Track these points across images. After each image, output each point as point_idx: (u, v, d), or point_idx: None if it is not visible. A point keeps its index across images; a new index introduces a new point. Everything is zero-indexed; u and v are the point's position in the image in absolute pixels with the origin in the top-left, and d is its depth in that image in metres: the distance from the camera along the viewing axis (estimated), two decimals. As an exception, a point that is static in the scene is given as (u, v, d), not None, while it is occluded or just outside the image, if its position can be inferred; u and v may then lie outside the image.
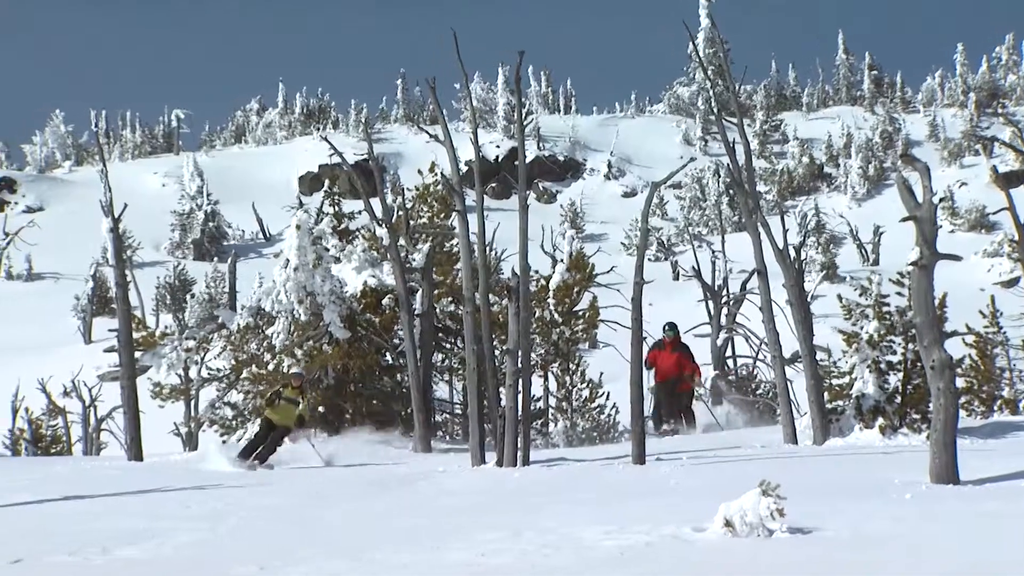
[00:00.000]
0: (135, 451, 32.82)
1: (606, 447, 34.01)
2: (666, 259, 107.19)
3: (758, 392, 49.21)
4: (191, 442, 51.92)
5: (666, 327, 32.27)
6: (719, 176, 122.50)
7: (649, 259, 66.65)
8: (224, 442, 22.98)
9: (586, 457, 27.62)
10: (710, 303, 50.14)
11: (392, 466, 19.41)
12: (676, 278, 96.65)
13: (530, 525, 15.00)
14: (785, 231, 32.12)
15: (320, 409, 37.30)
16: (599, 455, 28.05)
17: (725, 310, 49.71)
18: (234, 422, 40.78)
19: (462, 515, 17.02)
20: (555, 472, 23.87)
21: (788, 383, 31.13)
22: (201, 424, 46.95)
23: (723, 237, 66.54)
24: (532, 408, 31.47)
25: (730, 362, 50.30)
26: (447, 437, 41.46)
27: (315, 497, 19.44)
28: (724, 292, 50.80)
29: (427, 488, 21.49)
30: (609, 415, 42.15)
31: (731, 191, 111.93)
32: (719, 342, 48.24)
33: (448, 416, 44.32)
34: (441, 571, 12.61)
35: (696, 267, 51.05)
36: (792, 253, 30.97)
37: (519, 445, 25.84)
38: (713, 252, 63.03)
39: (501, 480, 22.14)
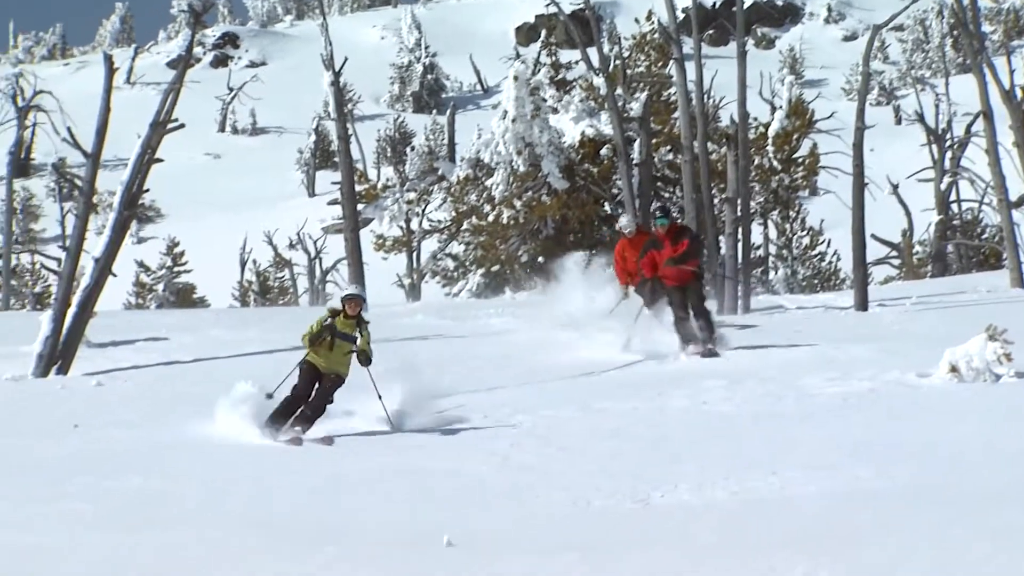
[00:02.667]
0: (360, 302, 33.43)
1: (827, 295, 33.81)
2: (888, 103, 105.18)
3: (983, 236, 48.45)
4: (414, 293, 52.83)
5: (657, 213, 22.86)
6: (943, 17, 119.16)
7: (870, 104, 65.24)
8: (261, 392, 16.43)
9: (807, 304, 27.51)
10: (933, 147, 49.27)
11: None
12: (898, 122, 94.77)
13: (751, 373, 15.06)
14: (1011, 72, 31.37)
15: (540, 260, 37.61)
16: (820, 302, 27.92)
17: (949, 154, 48.84)
18: (455, 273, 41.39)
19: (682, 363, 17.14)
20: (775, 320, 23.83)
21: (1015, 227, 30.61)
22: (423, 275, 47.77)
23: (947, 80, 64.99)
24: (752, 256, 31.32)
25: (954, 207, 49.50)
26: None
27: (537, 349, 19.59)
28: (948, 136, 49.82)
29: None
30: (830, 263, 41.87)
31: (955, 32, 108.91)
32: (943, 186, 47.48)
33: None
34: (664, 416, 12.76)
35: (919, 111, 50.10)
36: (1019, 94, 30.30)
37: (739, 293, 25.84)
38: (936, 95, 61.67)
39: (721, 329, 22.12)
